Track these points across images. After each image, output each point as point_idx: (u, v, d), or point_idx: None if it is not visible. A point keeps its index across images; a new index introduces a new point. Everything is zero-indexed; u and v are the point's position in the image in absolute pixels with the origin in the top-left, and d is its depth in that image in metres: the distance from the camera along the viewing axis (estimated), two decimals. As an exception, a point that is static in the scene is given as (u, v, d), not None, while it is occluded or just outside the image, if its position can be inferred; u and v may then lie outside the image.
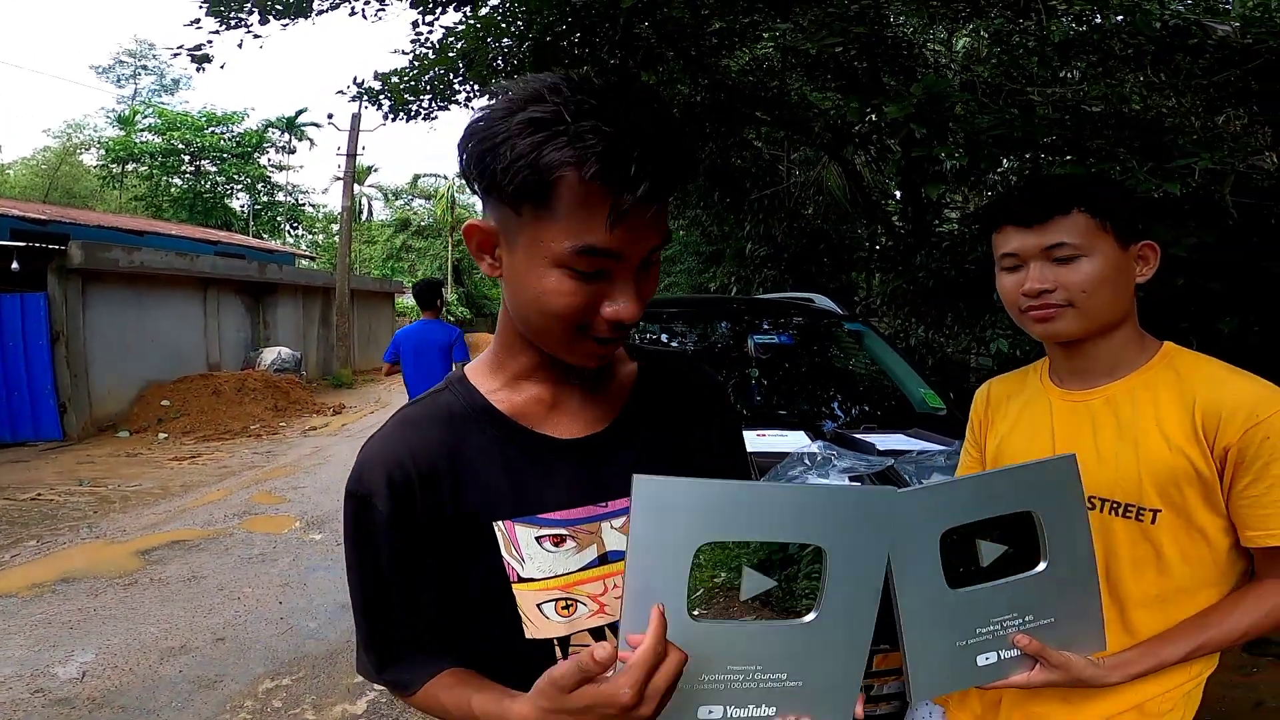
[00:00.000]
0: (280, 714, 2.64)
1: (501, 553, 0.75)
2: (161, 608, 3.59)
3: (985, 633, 0.86)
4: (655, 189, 0.62)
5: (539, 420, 0.78)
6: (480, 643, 0.79)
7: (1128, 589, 1.02)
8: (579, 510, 0.77)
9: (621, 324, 0.68)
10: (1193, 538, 0.99)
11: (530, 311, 0.70)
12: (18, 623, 3.38)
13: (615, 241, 0.64)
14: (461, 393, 0.79)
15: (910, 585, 0.81)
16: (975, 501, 0.85)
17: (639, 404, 0.84)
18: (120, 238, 12.32)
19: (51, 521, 5.14)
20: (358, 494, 0.75)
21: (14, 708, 2.62)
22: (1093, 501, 1.03)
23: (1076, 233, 0.99)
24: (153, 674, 2.91)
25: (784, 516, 0.67)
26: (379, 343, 18.00)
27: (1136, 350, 1.06)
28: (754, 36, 4.62)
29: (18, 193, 22.62)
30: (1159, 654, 0.99)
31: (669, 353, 0.93)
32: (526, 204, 0.64)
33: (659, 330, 4.48)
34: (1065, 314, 1.02)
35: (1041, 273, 1.02)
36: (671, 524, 0.64)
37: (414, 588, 0.77)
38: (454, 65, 5.88)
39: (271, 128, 27.43)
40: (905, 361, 3.54)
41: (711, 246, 9.60)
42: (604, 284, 0.67)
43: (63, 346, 8.36)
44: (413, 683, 0.78)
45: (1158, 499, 0.99)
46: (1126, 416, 1.03)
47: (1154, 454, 0.99)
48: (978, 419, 1.28)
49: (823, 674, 0.71)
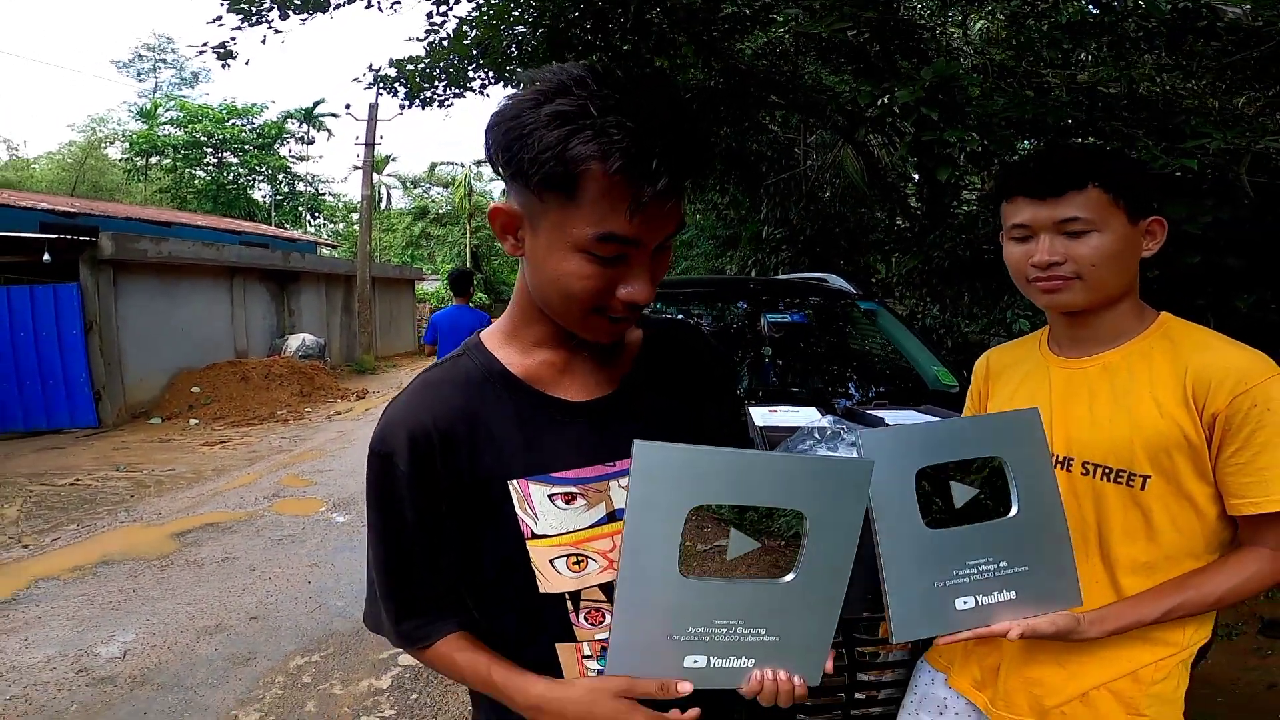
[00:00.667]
0: (310, 688, 2.76)
1: (516, 510, 0.79)
2: (197, 588, 3.75)
3: (963, 575, 0.90)
4: (674, 182, 0.66)
5: (551, 384, 0.83)
6: (496, 598, 0.83)
7: (1118, 553, 1.05)
8: (588, 469, 0.81)
9: (636, 305, 0.73)
10: (1182, 504, 1.02)
11: (550, 291, 0.74)
12: (61, 604, 3.54)
13: (635, 230, 0.68)
14: (478, 358, 0.84)
15: (889, 522, 0.86)
16: (947, 444, 0.91)
17: (645, 369, 0.88)
18: (148, 229, 12.58)
19: (90, 506, 5.35)
20: (381, 452, 0.80)
21: (58, 687, 2.75)
22: (1086, 467, 1.06)
23: (1089, 207, 1.01)
24: (190, 652, 3.05)
25: (768, 483, 0.72)
26: (400, 328, 18.24)
27: (1135, 320, 1.08)
28: (766, 20, 4.59)
29: (45, 186, 23.12)
30: (1137, 611, 1.01)
31: (673, 321, 0.99)
32: (551, 192, 0.68)
33: (676, 310, 4.53)
34: (1073, 286, 1.04)
35: (1052, 245, 1.03)
36: (666, 487, 0.70)
37: (434, 544, 0.81)
38: (468, 52, 5.91)
39: (290, 119, 27.66)
40: (919, 340, 3.55)
41: (728, 230, 9.57)
42: (621, 268, 0.71)
43: (96, 336, 8.60)
44: (430, 636, 0.83)
45: (1148, 465, 1.01)
46: (1122, 383, 1.05)
47: (1146, 420, 1.01)
48: (977, 389, 1.31)
49: (798, 630, 0.76)
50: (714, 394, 0.95)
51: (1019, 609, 0.94)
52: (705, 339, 0.99)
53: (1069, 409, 1.09)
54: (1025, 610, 0.94)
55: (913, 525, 0.87)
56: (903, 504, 0.86)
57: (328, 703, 2.66)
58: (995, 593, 0.92)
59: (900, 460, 0.87)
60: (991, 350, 1.32)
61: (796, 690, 0.76)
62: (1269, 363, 0.99)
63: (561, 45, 5.06)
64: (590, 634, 0.82)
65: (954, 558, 0.90)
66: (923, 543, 0.88)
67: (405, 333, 18.53)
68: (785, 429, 2.41)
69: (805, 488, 0.73)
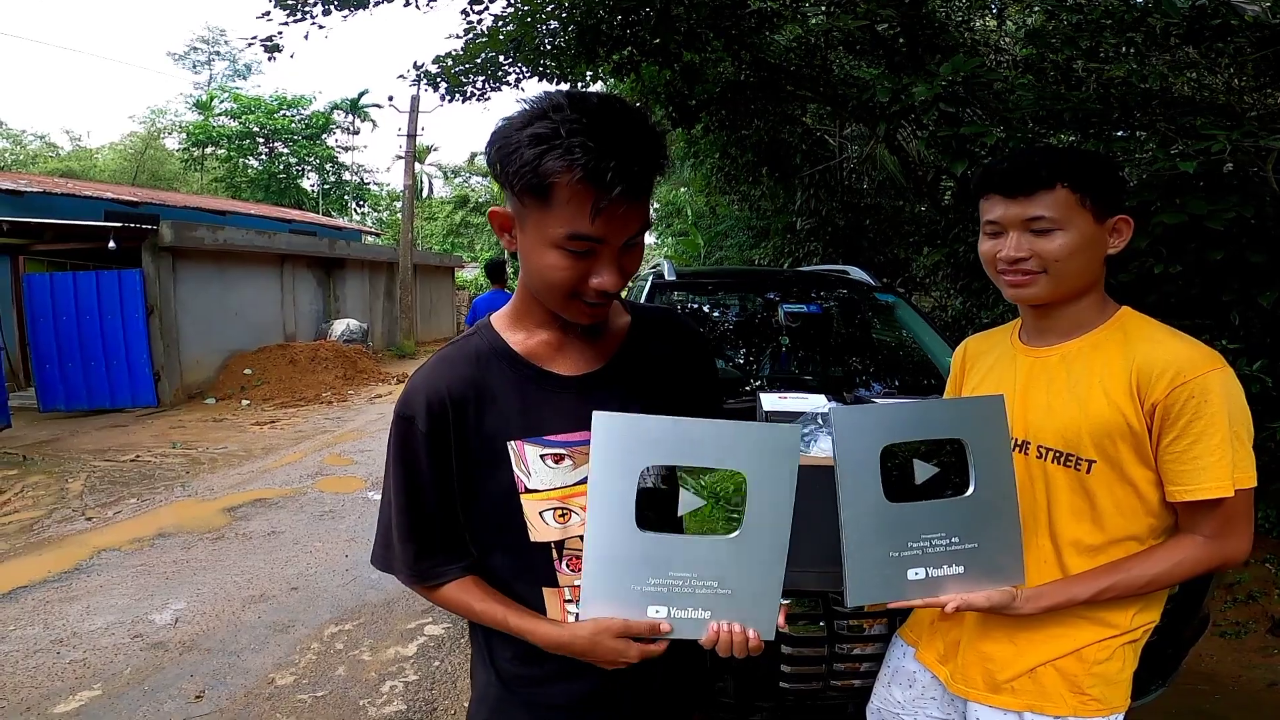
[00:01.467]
0: (341, 655, 2.97)
1: (513, 467, 0.93)
2: (244, 560, 4.02)
3: (916, 547, 0.99)
4: (629, 190, 0.79)
5: (547, 360, 0.97)
6: (495, 544, 0.98)
7: (1064, 533, 1.12)
8: (575, 434, 0.93)
9: (606, 292, 0.86)
10: (1125, 489, 1.08)
11: (536, 280, 0.89)
12: (120, 574, 3.83)
13: (598, 229, 0.82)
14: (487, 337, 0.99)
15: (852, 494, 0.95)
16: (913, 423, 1.00)
17: (629, 349, 1.02)
18: (205, 217, 13.12)
19: (149, 481, 5.72)
20: (404, 415, 0.95)
21: (115, 651, 2.99)
22: (1040, 450, 1.13)
23: (1056, 207, 1.08)
24: (236, 619, 3.29)
25: (709, 447, 0.83)
26: (440, 314, 18.64)
27: (1097, 313, 1.15)
28: (794, 14, 4.61)
29: (107, 176, 24.19)
30: (1069, 590, 1.09)
31: (657, 308, 1.12)
32: (531, 198, 0.83)
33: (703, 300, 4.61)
34: (1038, 280, 1.11)
35: (1019, 242, 1.11)
36: (621, 451, 0.83)
37: (444, 496, 0.95)
38: (504, 48, 6.05)
39: (337, 109, 28.32)
40: (935, 332, 3.58)
41: (763, 221, 9.56)
42: (591, 261, 0.85)
43: (156, 319, 9.07)
44: (441, 576, 0.97)
45: (1093, 450, 1.08)
46: (1077, 372, 1.12)
47: (1094, 408, 1.08)
48: (955, 373, 1.40)
49: (747, 584, 0.86)
50: (692, 374, 1.08)
51: (965, 583, 1.01)
52: (687, 326, 1.12)
53: (1029, 395, 1.17)
54: (971, 584, 1.01)
55: (873, 496, 0.96)
56: (866, 476, 0.95)
57: (357, 668, 2.86)
58: (945, 566, 1.00)
59: (867, 435, 0.95)
60: (970, 338, 1.40)
61: (750, 642, 0.88)
62: (1213, 356, 1.05)
63: (592, 41, 5.16)
64: (571, 579, 0.96)
65: (909, 530, 0.98)
66: (881, 514, 0.96)
67: (445, 318, 18.94)
68: (790, 414, 2.50)
69: (742, 451, 0.83)
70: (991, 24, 5.41)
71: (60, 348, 8.68)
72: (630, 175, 0.79)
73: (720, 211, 11.23)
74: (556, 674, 0.97)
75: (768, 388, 3.26)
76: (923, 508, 0.99)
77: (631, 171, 0.79)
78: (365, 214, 32.85)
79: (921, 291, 6.43)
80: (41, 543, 4.33)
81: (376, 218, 32.89)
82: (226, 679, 2.78)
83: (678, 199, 14.98)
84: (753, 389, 3.22)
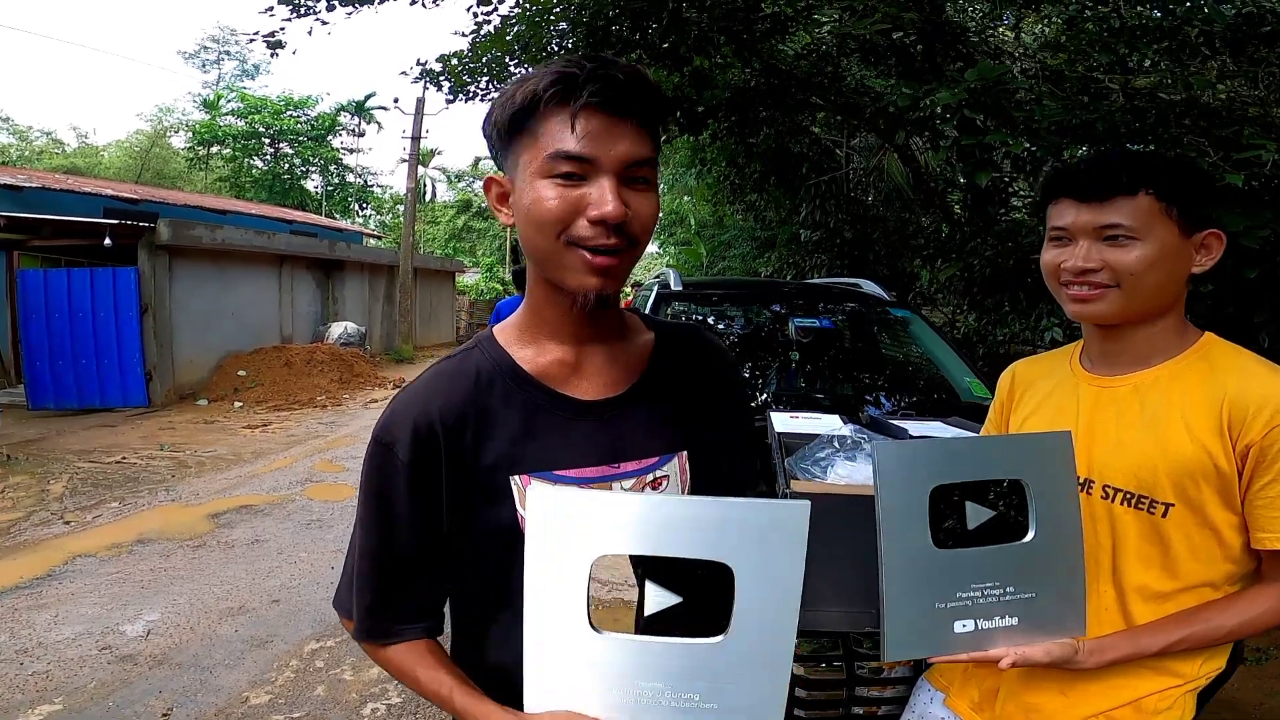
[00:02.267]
0: (321, 673, 2.81)
1: (516, 505, 0.79)
2: (225, 569, 3.85)
3: (965, 598, 0.87)
4: (607, 99, 0.72)
5: (561, 381, 0.83)
6: (488, 591, 0.83)
7: (1131, 581, 1.01)
8: (592, 469, 0.81)
9: (604, 221, 0.73)
10: (1204, 534, 0.97)
11: (529, 230, 0.76)
12: (94, 581, 3.66)
13: (581, 145, 0.72)
14: (490, 352, 0.84)
15: (895, 539, 0.83)
16: (967, 462, 0.88)
17: (655, 371, 0.88)
18: (205, 216, 13.04)
19: (133, 484, 5.55)
20: (382, 440, 0.81)
21: (80, 664, 2.83)
22: (1106, 490, 1.02)
23: (1137, 215, 0.96)
24: (211, 633, 3.13)
25: (683, 531, 0.65)
26: (440, 319, 18.54)
27: (1175, 339, 1.03)
28: (808, 21, 4.50)
29: (113, 173, 24.17)
30: (1138, 642, 0.97)
31: (681, 325, 0.99)
32: (514, 136, 0.76)
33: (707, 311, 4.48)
34: (1107, 295, 0.99)
35: (1089, 251, 0.99)
36: (566, 535, 0.65)
37: (419, 542, 0.81)
38: (510, 49, 5.96)
39: (343, 111, 28.38)
40: (952, 350, 3.45)
41: (767, 232, 9.47)
42: (585, 190, 0.73)
43: (150, 318, 8.94)
44: (390, 635, 0.83)
45: (1172, 492, 0.97)
46: (1153, 406, 1.00)
47: (1175, 446, 0.97)
48: (1000, 401, 1.27)
49: (738, 696, 0.67)
50: (723, 398, 0.94)
51: (1018, 635, 0.90)
52: (715, 344, 0.98)
53: (1095, 429, 1.05)
54: (1025, 637, 0.91)
55: (919, 543, 0.84)
56: (912, 521, 0.84)
57: (337, 688, 2.70)
58: (997, 618, 0.89)
59: (914, 475, 0.84)
60: (1019, 362, 1.27)
61: None
62: None
63: (600, 43, 5.05)
64: None
65: (959, 580, 0.87)
66: (928, 562, 0.85)
67: (444, 323, 18.83)
68: (804, 436, 2.36)
69: (728, 537, 0.64)
70: (1007, 34, 5.31)
71: (52, 345, 8.54)
72: (608, 82, 0.72)
73: (726, 221, 11.14)
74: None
75: (777, 405, 3.13)
76: (974, 554, 0.88)
77: (610, 79, 0.72)
78: (368, 216, 32.87)
79: (931, 306, 6.30)
80: (16, 546, 4.16)
81: (379, 220, 32.90)
82: (197, 696, 2.61)
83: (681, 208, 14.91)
84: (761, 407, 3.09)
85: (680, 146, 8.46)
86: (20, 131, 27.88)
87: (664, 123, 0.81)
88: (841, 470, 2.12)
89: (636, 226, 0.75)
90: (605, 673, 0.67)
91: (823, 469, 2.14)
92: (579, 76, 0.72)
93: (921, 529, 0.84)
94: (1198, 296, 2.91)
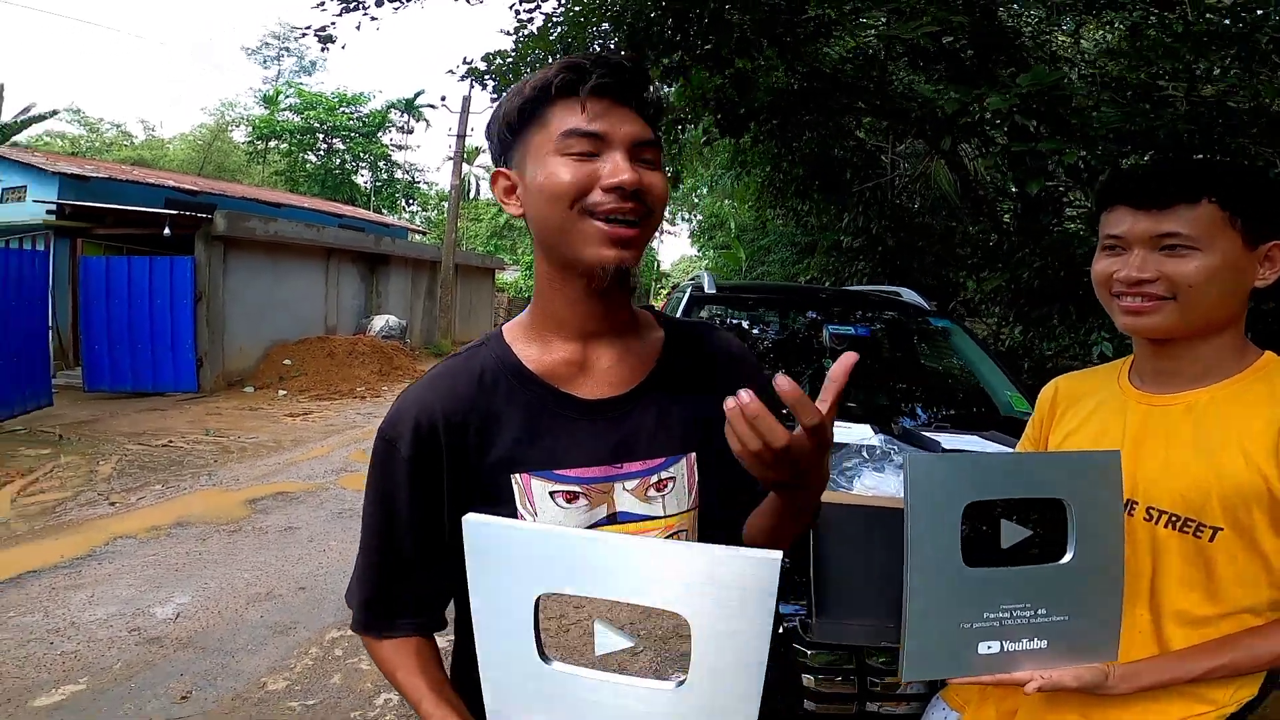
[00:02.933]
0: (339, 662, 2.84)
1: (516, 505, 0.79)
2: (257, 555, 3.94)
3: (993, 618, 0.84)
4: (614, 83, 0.76)
5: (566, 380, 0.83)
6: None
7: (1169, 605, 0.96)
8: (594, 469, 0.80)
9: (620, 189, 0.74)
10: (1251, 559, 0.92)
11: (542, 207, 0.77)
12: (131, 563, 3.77)
13: (593, 122, 0.75)
14: (496, 350, 0.85)
15: (923, 554, 0.80)
16: (1006, 478, 0.84)
17: (664, 370, 0.87)
18: (259, 209, 13.47)
19: (177, 468, 5.74)
20: (387, 436, 0.82)
21: (109, 644, 2.89)
22: (1150, 512, 0.97)
23: (1198, 224, 0.90)
24: (238, 617, 3.19)
25: (630, 576, 0.59)
26: (479, 315, 18.78)
27: (1233, 358, 0.96)
28: (852, 24, 4.40)
29: (176, 165, 25.12)
30: (1173, 669, 0.93)
31: (695, 322, 0.97)
32: (524, 126, 0.79)
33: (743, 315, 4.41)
34: (1163, 308, 0.93)
35: (1144, 261, 0.93)
36: (505, 568, 0.61)
37: (420, 537, 0.82)
38: (553, 48, 5.99)
39: (393, 108, 29.01)
40: (994, 362, 3.32)
41: (808, 237, 9.32)
42: (598, 164, 0.75)
43: (204, 306, 9.26)
44: (384, 629, 0.84)
45: (1222, 517, 0.92)
46: (1207, 427, 0.94)
47: (1228, 470, 0.91)
48: (1040, 416, 1.21)
49: None
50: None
51: (1046, 659, 0.86)
52: (729, 341, 0.96)
53: (1142, 449, 0.99)
54: (1053, 660, 0.86)
55: (949, 562, 0.81)
56: (942, 537, 0.80)
57: (353, 677, 2.73)
58: (1024, 640, 0.85)
59: (948, 490, 0.80)
60: (1063, 377, 1.21)
61: None
62: None
63: (642, 44, 5.03)
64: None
65: (988, 600, 0.83)
66: (957, 580, 0.82)
67: (484, 319, 19.06)
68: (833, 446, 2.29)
69: (685, 585, 0.58)
70: (1066, 40, 5.11)
71: (110, 330, 8.90)
72: (613, 69, 0.76)
73: (769, 226, 11.01)
74: None
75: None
76: (1006, 574, 0.84)
77: (616, 66, 0.76)
78: (414, 212, 33.53)
79: (975, 318, 6.11)
80: (61, 526, 4.33)
81: (425, 216, 33.54)
82: (217, 680, 2.66)
83: (722, 211, 14.80)
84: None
85: (721, 149, 8.37)
86: (91, 124, 29.18)
87: (660, 119, 0.83)
88: (869, 481, 2.05)
89: (651, 198, 0.76)
90: (559, 704, 0.64)
91: (849, 479, 2.07)
92: (586, 66, 0.76)
93: (952, 546, 0.81)
94: (1261, 314, 2.74)
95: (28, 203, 10.64)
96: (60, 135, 27.26)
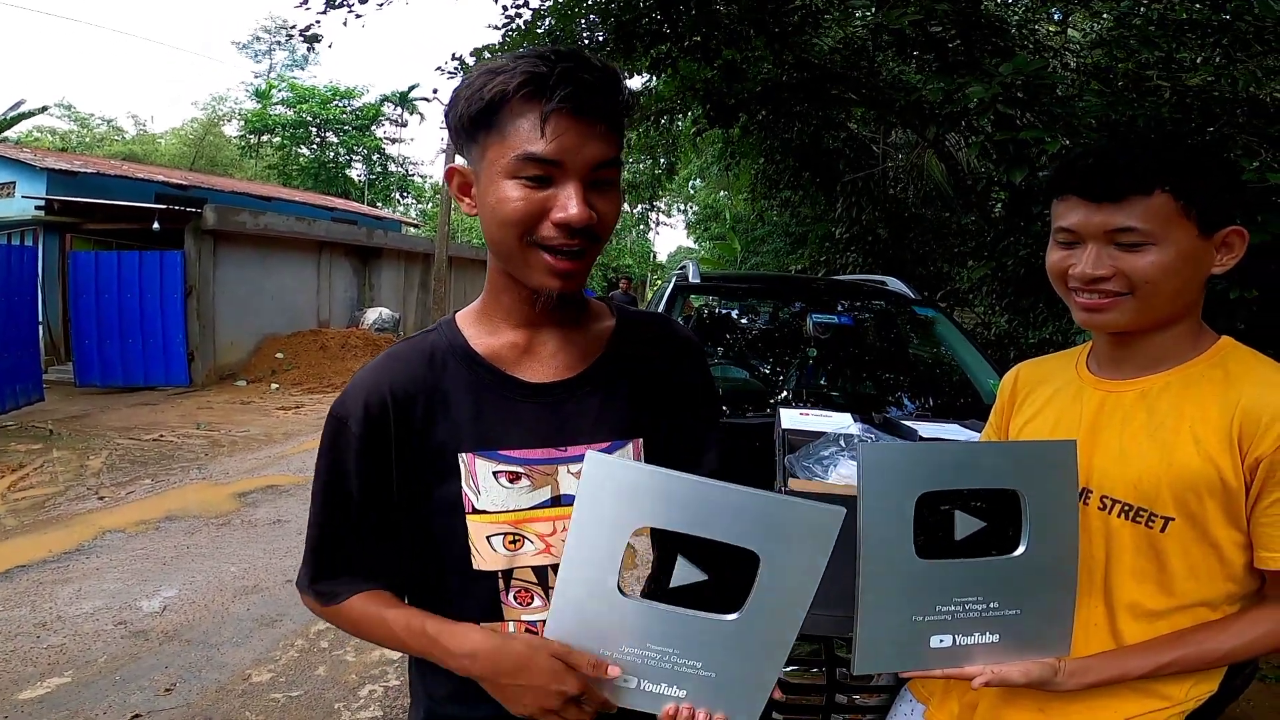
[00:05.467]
0: (325, 654, 2.85)
1: (462, 483, 0.82)
2: (245, 548, 3.94)
3: (945, 612, 0.84)
4: (579, 103, 0.72)
5: (511, 364, 0.85)
6: (432, 570, 0.86)
7: (1122, 597, 0.94)
8: (538, 451, 0.83)
9: (569, 226, 0.74)
10: (1204, 551, 0.90)
11: (492, 227, 0.78)
12: (120, 557, 3.77)
13: (550, 148, 0.73)
14: (447, 334, 0.87)
15: (876, 546, 0.80)
16: (960, 468, 0.83)
17: (611, 357, 0.89)
18: (250, 202, 13.37)
19: (168, 462, 5.73)
20: (338, 415, 0.83)
21: (95, 638, 2.90)
22: (1104, 501, 0.95)
23: (1152, 217, 0.87)
24: (224, 610, 3.20)
25: (722, 516, 0.69)
26: (474, 309, 18.70)
27: (1190, 344, 0.94)
28: (841, 12, 4.39)
29: (168, 160, 24.92)
30: (1123, 665, 0.91)
31: (646, 313, 0.99)
32: (481, 131, 0.76)
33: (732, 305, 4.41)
34: (1120, 304, 0.91)
35: (1099, 257, 0.90)
36: (615, 503, 0.70)
37: (368, 512, 0.84)
38: (541, 42, 5.96)
39: (387, 102, 28.83)
40: (978, 351, 3.33)
41: (801, 227, 9.31)
42: (550, 191, 0.75)
43: (194, 300, 9.22)
44: (338, 595, 0.85)
45: (1173, 506, 0.90)
46: (1160, 414, 0.93)
47: (1180, 458, 0.89)
48: (1002, 403, 1.19)
49: (736, 671, 0.73)
50: (683, 388, 0.94)
51: (998, 653, 0.87)
52: (680, 332, 0.98)
53: (1097, 437, 0.97)
54: (1005, 655, 0.87)
55: (901, 553, 0.81)
56: (894, 529, 0.80)
57: (338, 668, 2.74)
58: (976, 633, 0.85)
59: (900, 480, 0.80)
60: (1024, 363, 1.19)
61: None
62: None
63: (630, 36, 5.01)
64: (518, 614, 0.84)
65: (940, 593, 0.83)
66: (909, 573, 0.82)
67: (479, 313, 18.99)
68: (809, 434, 2.29)
69: (765, 528, 0.69)
70: (1053, 29, 5.10)
71: (100, 324, 8.87)
72: (578, 83, 0.72)
73: (765, 216, 11.00)
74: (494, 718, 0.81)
75: (790, 402, 3.06)
76: (959, 567, 0.84)
77: (580, 80, 0.72)
78: (408, 205, 33.38)
79: (964, 307, 6.12)
80: (50, 520, 4.33)
81: (419, 209, 33.38)
82: (201, 673, 2.67)
83: (717, 203, 14.77)
84: (774, 403, 3.02)
85: (712, 139, 8.36)
86: (82, 119, 28.95)
87: (630, 119, 0.82)
88: (844, 470, 2.05)
89: (600, 228, 0.77)
90: (620, 633, 0.73)
91: (824, 468, 2.07)
92: (549, 77, 0.72)
93: (905, 537, 0.80)
94: (1241, 304, 2.74)
95: (16, 198, 10.57)
96: (50, 131, 27.05)
